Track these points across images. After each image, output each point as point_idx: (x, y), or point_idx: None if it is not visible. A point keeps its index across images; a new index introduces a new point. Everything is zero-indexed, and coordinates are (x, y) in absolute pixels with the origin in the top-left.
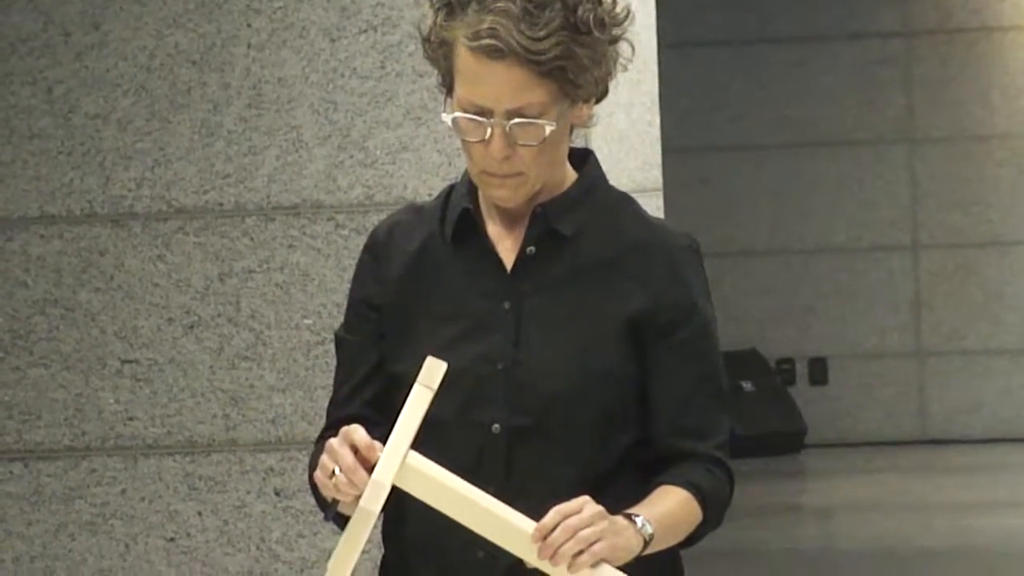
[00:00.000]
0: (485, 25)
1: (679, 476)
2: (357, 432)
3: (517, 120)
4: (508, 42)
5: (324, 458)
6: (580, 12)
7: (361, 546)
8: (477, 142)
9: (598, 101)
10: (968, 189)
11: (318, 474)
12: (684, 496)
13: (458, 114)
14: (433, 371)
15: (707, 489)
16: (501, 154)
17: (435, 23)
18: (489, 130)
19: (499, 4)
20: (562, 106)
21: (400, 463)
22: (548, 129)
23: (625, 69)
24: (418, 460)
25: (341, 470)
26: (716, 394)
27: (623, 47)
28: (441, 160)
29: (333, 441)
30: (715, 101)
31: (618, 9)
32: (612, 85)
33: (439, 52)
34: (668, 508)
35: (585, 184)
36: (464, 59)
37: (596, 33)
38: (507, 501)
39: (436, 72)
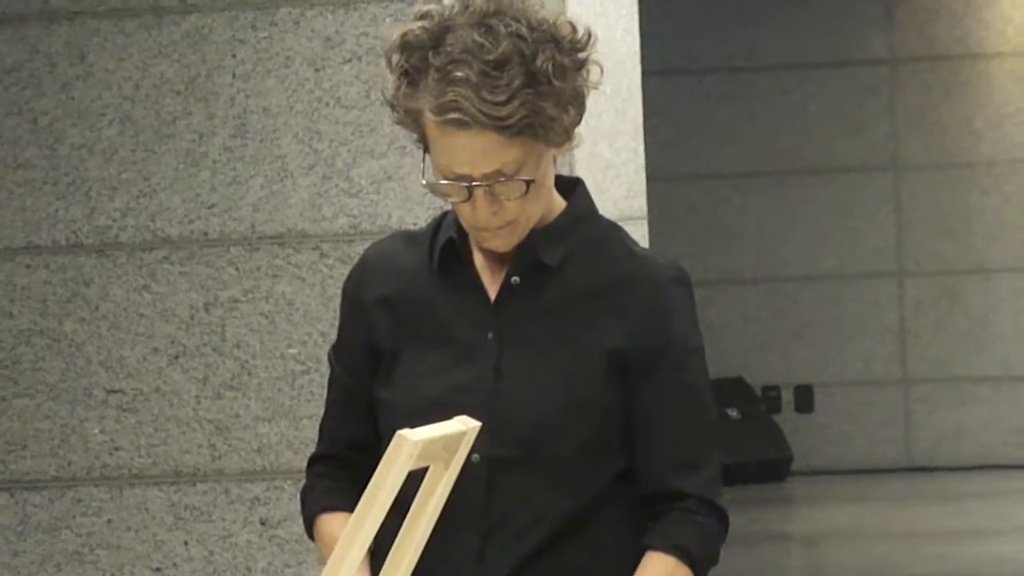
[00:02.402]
0: (447, 98)
1: (666, 538)
2: None
3: (497, 180)
4: (472, 113)
5: None
6: (539, 63)
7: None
8: (462, 202)
9: (579, 122)
10: (953, 216)
11: None
12: (671, 565)
13: (440, 181)
14: (471, 423)
15: (696, 551)
16: (487, 213)
17: (398, 92)
18: (469, 193)
19: (458, 73)
20: (538, 152)
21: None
22: (531, 183)
23: (596, 88)
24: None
25: None
26: (704, 428)
27: (592, 67)
28: (426, 190)
29: None
30: (700, 128)
31: (579, 34)
32: (597, 113)
33: (407, 119)
34: None
35: (572, 214)
36: (432, 131)
37: (557, 82)
38: (489, 529)
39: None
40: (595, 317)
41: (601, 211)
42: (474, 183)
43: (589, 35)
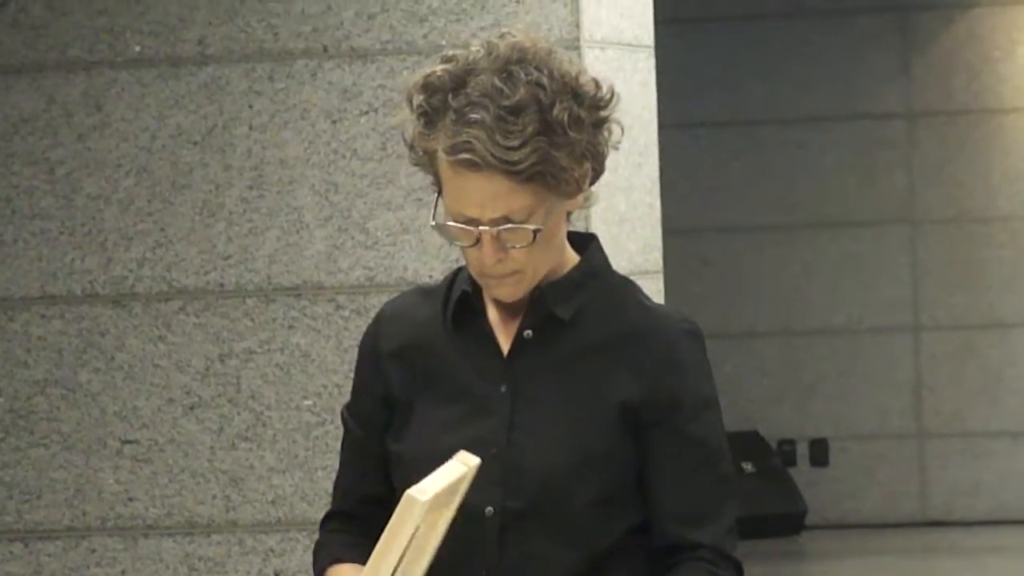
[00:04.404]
0: (461, 139)
1: None
2: None
3: (505, 226)
4: (483, 155)
5: None
6: (555, 112)
7: (404, 541)
8: (469, 247)
9: (594, 181)
10: (969, 271)
11: None
12: None
13: (447, 223)
14: (469, 460)
15: None
16: (493, 259)
17: (415, 133)
18: (476, 237)
19: (474, 115)
20: (549, 203)
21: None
22: (536, 231)
23: (616, 148)
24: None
25: None
26: (718, 479)
27: (613, 126)
28: (442, 241)
29: None
30: (716, 181)
31: (603, 91)
32: (613, 167)
33: (424, 159)
34: None
35: (586, 269)
36: (445, 171)
37: (572, 133)
38: None
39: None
40: (608, 370)
41: (617, 265)
42: (481, 227)
43: (613, 93)
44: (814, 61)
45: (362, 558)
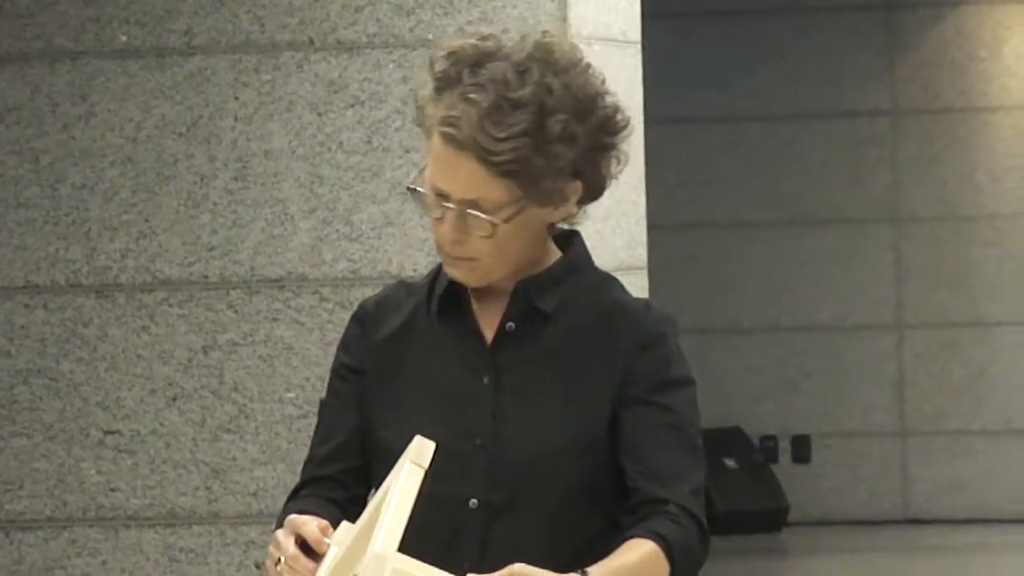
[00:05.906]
0: (453, 112)
1: (644, 528)
2: (306, 527)
3: (470, 211)
4: (465, 135)
5: (270, 548)
6: (551, 121)
7: None
8: (435, 219)
9: (588, 202)
10: (953, 269)
11: (267, 563)
12: (648, 548)
13: (420, 188)
14: (423, 450)
15: (673, 540)
16: (450, 238)
17: (427, 96)
18: (444, 212)
19: (474, 95)
20: (521, 205)
21: (400, 537)
22: (498, 226)
23: (615, 178)
24: (406, 563)
25: (285, 560)
26: (685, 443)
27: (621, 155)
28: (426, 235)
29: (279, 533)
30: (702, 178)
31: (619, 119)
32: None
33: (424, 123)
34: (626, 561)
35: (568, 263)
36: (435, 139)
37: (559, 146)
38: (483, 574)
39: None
40: (588, 360)
41: (602, 261)
42: (448, 204)
43: (628, 125)
44: (800, 58)
45: (323, 512)
